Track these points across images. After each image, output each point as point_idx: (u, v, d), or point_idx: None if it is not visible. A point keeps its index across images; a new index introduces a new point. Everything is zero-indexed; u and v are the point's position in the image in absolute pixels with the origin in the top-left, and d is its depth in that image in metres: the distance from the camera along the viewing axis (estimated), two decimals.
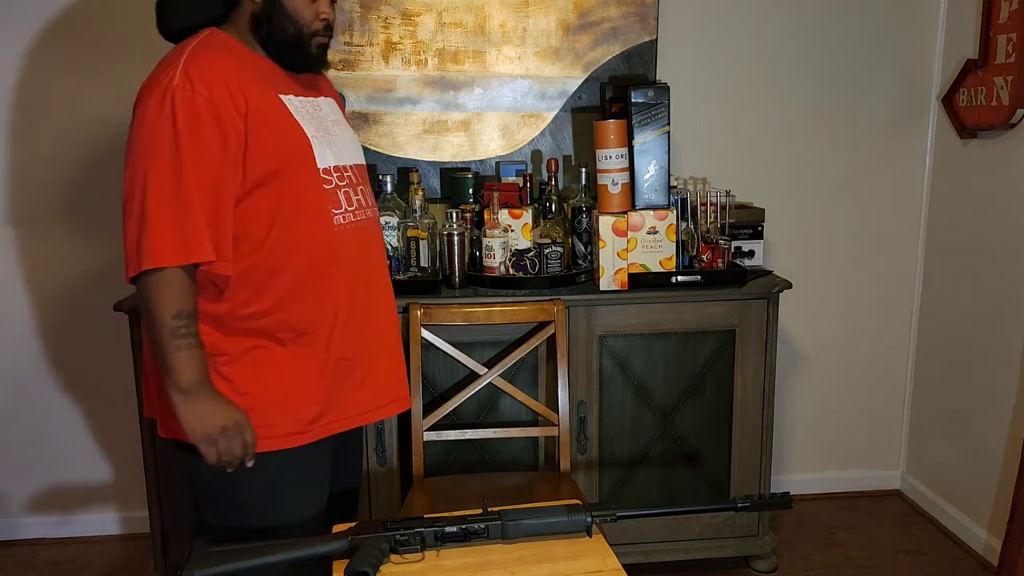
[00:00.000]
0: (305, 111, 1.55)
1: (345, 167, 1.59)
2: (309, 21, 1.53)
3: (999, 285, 2.48)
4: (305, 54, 1.56)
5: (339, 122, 1.66)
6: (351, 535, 1.34)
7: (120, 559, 2.61)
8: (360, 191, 1.62)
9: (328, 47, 1.60)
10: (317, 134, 1.54)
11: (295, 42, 1.54)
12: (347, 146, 1.64)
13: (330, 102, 1.67)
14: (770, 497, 1.46)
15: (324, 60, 1.61)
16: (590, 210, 2.37)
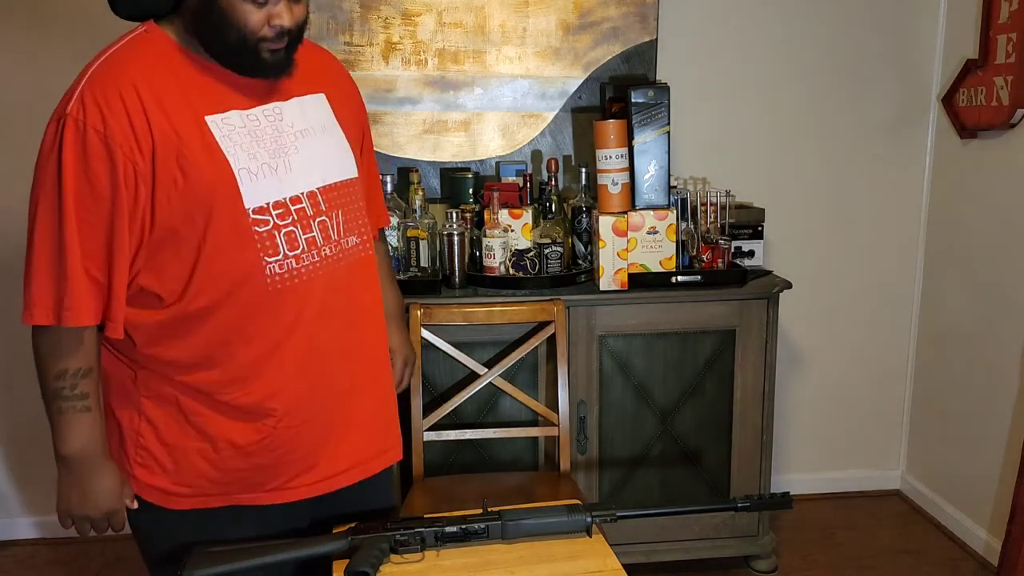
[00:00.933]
0: (245, 131, 1.28)
1: (301, 196, 1.31)
2: (255, 27, 1.24)
3: (999, 285, 2.48)
4: (254, 62, 1.28)
5: (311, 130, 1.36)
6: (351, 535, 1.34)
7: (120, 559, 2.61)
8: (325, 222, 1.34)
9: (291, 50, 1.30)
10: (255, 162, 1.27)
11: (238, 49, 1.25)
12: (314, 163, 1.35)
13: (308, 102, 1.38)
14: (770, 497, 1.46)
15: (285, 65, 1.31)
16: (590, 210, 2.37)
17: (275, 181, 1.29)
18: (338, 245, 1.36)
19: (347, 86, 1.51)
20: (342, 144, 1.41)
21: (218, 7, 1.22)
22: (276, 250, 1.29)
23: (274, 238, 1.29)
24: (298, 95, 1.37)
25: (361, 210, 1.42)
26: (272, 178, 1.29)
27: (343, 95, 1.47)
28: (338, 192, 1.37)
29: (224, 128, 1.27)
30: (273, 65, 1.29)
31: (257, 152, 1.28)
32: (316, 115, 1.39)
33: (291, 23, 1.26)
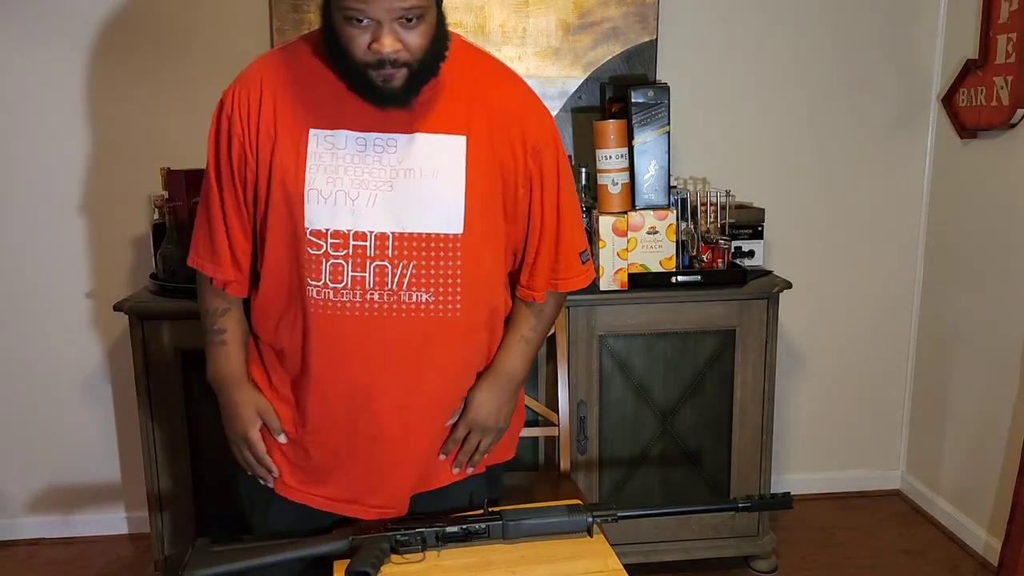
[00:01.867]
0: (344, 154, 1.28)
1: (367, 234, 1.28)
2: (359, 52, 1.22)
3: (999, 285, 2.48)
4: (364, 88, 1.25)
5: (422, 172, 1.29)
6: (352, 535, 1.34)
7: (120, 559, 2.61)
8: (385, 267, 1.29)
9: (414, 82, 1.24)
10: (332, 187, 1.27)
11: (348, 72, 1.26)
12: (403, 207, 1.28)
13: (438, 141, 1.30)
14: (771, 497, 1.46)
15: (401, 96, 1.25)
16: (590, 210, 2.37)
17: (345, 211, 1.28)
18: (394, 295, 1.30)
19: (515, 134, 1.34)
20: (454, 196, 1.30)
21: (333, 28, 1.24)
22: (318, 276, 1.30)
23: (320, 264, 1.30)
24: (429, 131, 1.30)
25: (451, 270, 1.31)
26: (343, 207, 1.28)
27: (501, 143, 1.33)
28: (417, 244, 1.30)
29: (322, 145, 1.29)
30: (387, 94, 1.25)
31: (340, 178, 1.28)
32: (440, 158, 1.30)
33: (392, 50, 1.19)
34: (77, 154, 2.52)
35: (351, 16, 1.19)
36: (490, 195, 1.34)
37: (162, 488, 2.25)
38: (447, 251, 1.31)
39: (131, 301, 2.20)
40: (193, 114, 2.52)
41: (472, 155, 1.31)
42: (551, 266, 1.44)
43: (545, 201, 1.40)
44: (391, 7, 1.17)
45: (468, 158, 1.31)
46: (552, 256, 1.43)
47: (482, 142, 1.32)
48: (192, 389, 2.22)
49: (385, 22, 1.19)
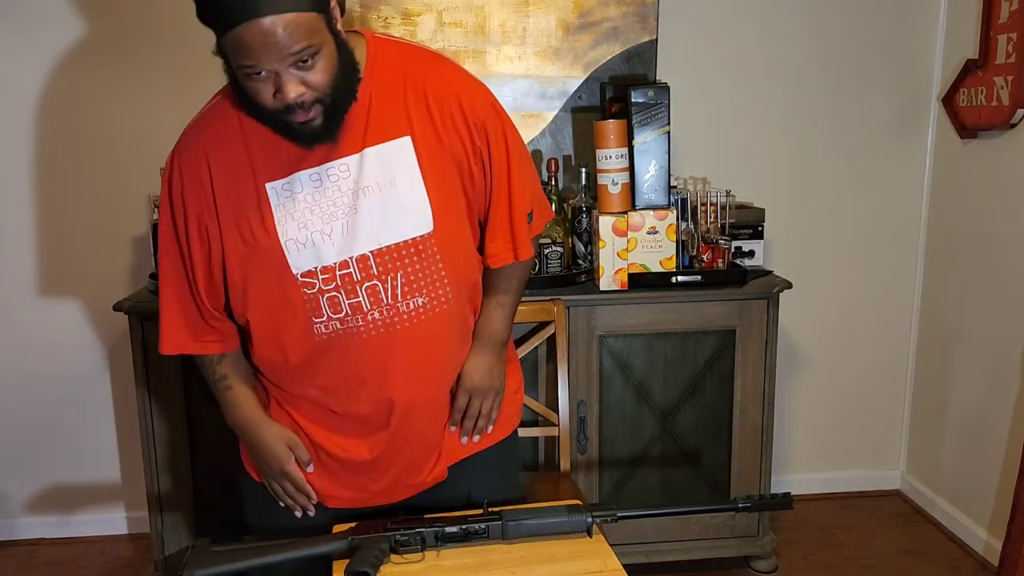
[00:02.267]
0: (304, 195, 1.29)
1: (349, 261, 1.30)
2: (266, 102, 1.21)
3: (999, 285, 2.48)
4: (288, 133, 1.25)
5: (377, 186, 1.30)
6: (351, 535, 1.34)
7: (120, 559, 2.61)
8: (376, 286, 1.31)
9: (332, 116, 1.24)
10: (305, 231, 1.29)
11: (267, 122, 1.25)
12: (372, 225, 1.30)
13: (387, 150, 1.30)
14: (771, 497, 1.45)
15: (325, 133, 1.25)
16: (590, 210, 2.37)
17: (325, 248, 1.30)
18: (392, 309, 1.33)
19: (456, 115, 1.34)
20: (415, 198, 1.31)
21: (239, 84, 1.22)
22: (320, 313, 1.33)
23: (318, 301, 1.32)
24: (375, 143, 1.30)
25: (433, 266, 1.34)
26: (322, 245, 1.30)
27: (446, 129, 1.34)
28: (397, 254, 1.32)
29: (282, 196, 1.30)
30: (310, 135, 1.24)
31: (310, 220, 1.30)
32: (391, 165, 1.31)
33: (296, 95, 1.18)
34: (77, 154, 2.52)
35: (248, 72, 1.18)
36: (448, 183, 1.35)
37: (162, 488, 2.25)
38: (425, 250, 1.33)
39: (131, 301, 2.20)
40: (193, 114, 2.52)
41: (421, 151, 1.32)
42: (508, 233, 1.44)
43: (495, 172, 1.40)
44: (281, 55, 1.15)
45: (418, 155, 1.32)
46: (507, 224, 1.44)
47: (427, 134, 1.32)
48: (192, 389, 2.22)
49: (282, 70, 1.17)
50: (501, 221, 1.44)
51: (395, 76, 1.33)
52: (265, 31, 1.12)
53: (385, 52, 1.34)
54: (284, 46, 1.14)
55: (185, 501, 2.26)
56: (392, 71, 1.33)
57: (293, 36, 1.14)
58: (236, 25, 1.13)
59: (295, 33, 1.14)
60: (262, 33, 1.13)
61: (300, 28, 1.14)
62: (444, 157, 1.34)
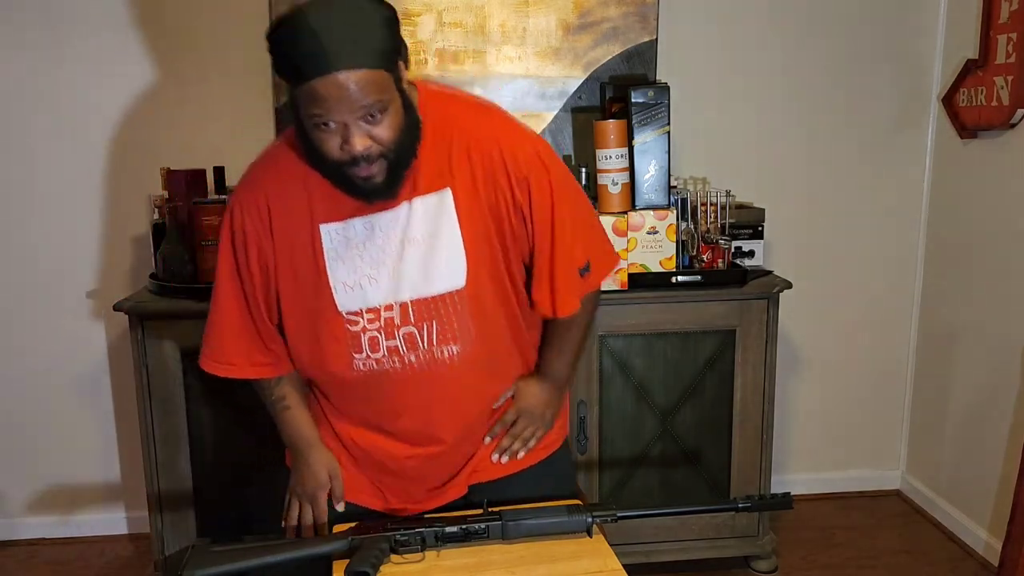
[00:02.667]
0: (357, 241, 1.35)
1: (393, 305, 1.36)
2: (332, 153, 1.24)
3: (999, 285, 2.48)
4: (349, 186, 1.29)
5: (419, 240, 1.35)
6: (351, 535, 1.34)
7: (120, 559, 2.61)
8: (413, 333, 1.36)
9: (394, 172, 1.28)
10: (354, 276, 1.36)
11: (330, 174, 1.29)
12: (412, 275, 1.35)
13: (429, 202, 1.34)
14: (771, 497, 1.45)
15: (384, 189, 1.29)
16: None
17: (371, 292, 1.36)
18: (428, 354, 1.38)
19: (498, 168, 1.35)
20: (453, 253, 1.35)
21: (306, 133, 1.26)
22: (360, 348, 1.38)
23: (359, 338, 1.38)
24: (421, 194, 1.34)
25: (465, 318, 1.37)
26: (369, 289, 1.36)
27: (486, 181, 1.35)
28: (433, 305, 1.36)
29: (335, 239, 1.36)
30: (370, 191, 1.29)
31: (359, 265, 1.36)
32: (432, 218, 1.35)
33: (363, 148, 1.22)
34: (77, 154, 2.52)
35: (318, 123, 1.22)
36: (485, 237, 1.38)
37: (162, 488, 2.25)
38: (458, 304, 1.37)
39: (131, 301, 2.20)
40: (193, 113, 2.53)
41: (460, 204, 1.35)
42: (548, 287, 1.43)
43: (537, 226, 1.40)
44: (352, 108, 1.20)
45: (458, 209, 1.35)
46: (547, 278, 1.43)
47: (467, 186, 1.35)
48: (192, 389, 2.22)
49: (351, 122, 1.21)
50: (542, 274, 1.43)
51: (442, 127, 1.36)
52: (339, 84, 1.18)
53: (435, 103, 1.38)
54: (355, 100, 1.19)
55: (185, 501, 2.26)
56: (439, 122, 1.36)
57: (364, 91, 1.19)
58: (312, 78, 1.18)
59: (366, 88, 1.19)
60: (336, 86, 1.18)
61: (371, 84, 1.19)
62: (482, 210, 1.36)
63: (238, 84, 2.52)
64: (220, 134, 2.53)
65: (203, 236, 2.21)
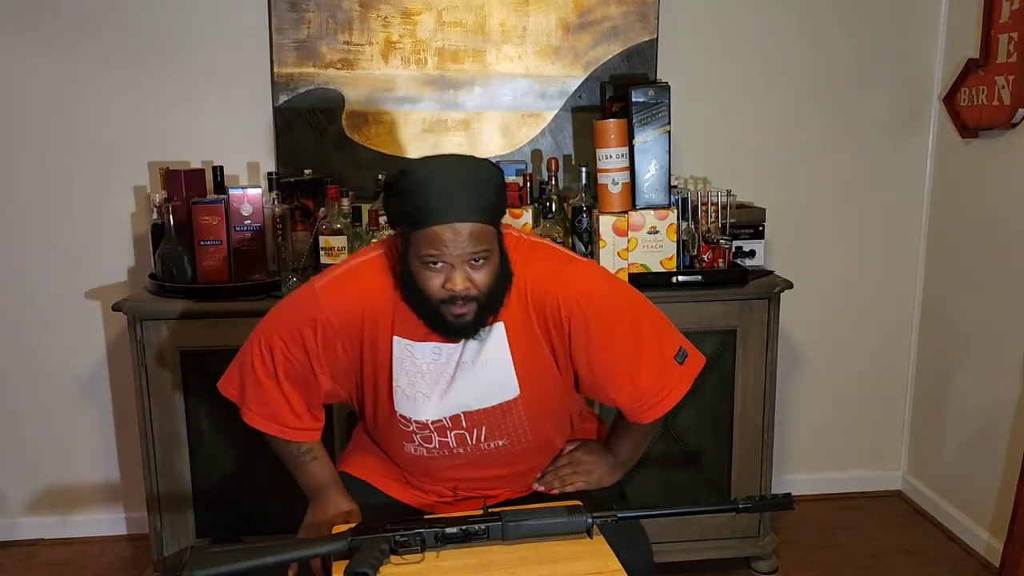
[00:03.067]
0: (421, 361, 1.50)
1: (443, 420, 1.52)
2: (434, 291, 1.39)
3: (1000, 285, 2.47)
4: (438, 323, 1.43)
5: (475, 364, 1.50)
6: (351, 536, 1.33)
7: (119, 560, 2.61)
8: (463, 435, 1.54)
9: (482, 313, 1.42)
10: (412, 388, 1.51)
11: (424, 310, 1.43)
12: (466, 393, 1.51)
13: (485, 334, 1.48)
14: (771, 498, 1.45)
15: (471, 329, 1.44)
16: (590, 210, 2.37)
17: (422, 406, 1.52)
18: (476, 448, 1.56)
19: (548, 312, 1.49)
20: (505, 373, 1.51)
21: (410, 271, 1.42)
22: (411, 441, 1.57)
23: (412, 436, 1.56)
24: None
25: (517, 419, 1.54)
26: (421, 403, 1.52)
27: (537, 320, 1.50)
28: (484, 415, 1.53)
29: (404, 352, 1.50)
30: (458, 329, 1.43)
31: (417, 381, 1.51)
32: (488, 347, 1.49)
33: (463, 288, 1.38)
34: (77, 154, 2.52)
35: (428, 262, 1.38)
36: (535, 358, 1.52)
37: (161, 488, 2.25)
38: (511, 410, 1.54)
39: (131, 301, 2.20)
40: (194, 113, 2.53)
41: (512, 335, 1.50)
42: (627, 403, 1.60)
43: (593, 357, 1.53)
44: (462, 253, 1.37)
45: (510, 339, 1.50)
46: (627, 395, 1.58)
47: (518, 321, 1.50)
48: (191, 389, 2.21)
49: (457, 265, 1.38)
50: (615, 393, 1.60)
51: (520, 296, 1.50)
52: (456, 232, 1.35)
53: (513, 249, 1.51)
54: (465, 247, 1.36)
55: (184, 501, 2.26)
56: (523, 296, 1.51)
57: (475, 240, 1.37)
58: (434, 224, 1.35)
59: (477, 238, 1.37)
60: (454, 233, 1.35)
61: (481, 235, 1.37)
62: (533, 339, 1.51)
63: (238, 84, 2.52)
64: (220, 134, 2.53)
65: (202, 236, 2.21)
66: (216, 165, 2.34)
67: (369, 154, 2.57)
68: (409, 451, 1.58)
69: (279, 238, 2.32)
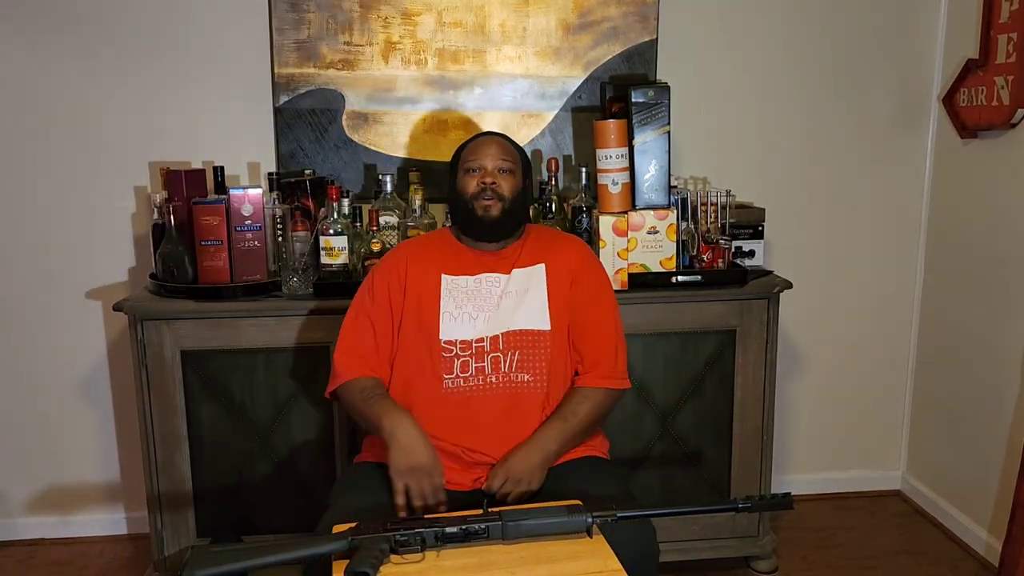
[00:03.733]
0: (465, 290, 1.83)
1: (484, 338, 1.78)
2: (470, 188, 1.84)
3: (999, 285, 2.48)
4: (472, 220, 1.84)
5: (518, 292, 1.83)
6: (351, 535, 1.34)
7: (120, 559, 2.61)
8: (499, 358, 1.77)
9: (506, 217, 1.84)
10: (460, 310, 1.81)
11: (464, 212, 1.85)
12: (508, 316, 1.80)
13: (528, 271, 1.85)
14: (771, 498, 1.45)
15: (497, 226, 1.85)
16: (590, 210, 2.37)
17: (468, 326, 1.80)
18: (507, 377, 1.77)
19: (573, 264, 1.88)
20: (540, 305, 1.83)
21: (457, 188, 1.88)
22: (451, 370, 1.77)
23: (452, 363, 1.78)
24: (520, 267, 1.86)
25: (543, 356, 1.79)
26: (467, 324, 1.80)
27: (566, 270, 1.86)
28: (520, 338, 1.79)
29: (451, 285, 1.84)
30: (487, 223, 1.84)
31: (464, 304, 1.82)
32: (529, 281, 1.85)
33: (491, 180, 1.83)
34: (77, 154, 2.52)
35: (469, 167, 1.86)
36: (562, 302, 1.84)
37: (162, 488, 2.25)
38: (540, 343, 1.80)
39: (131, 301, 2.20)
40: (195, 114, 2.53)
41: (549, 277, 1.86)
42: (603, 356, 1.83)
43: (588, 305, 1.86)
44: (494, 158, 1.86)
45: (547, 279, 1.85)
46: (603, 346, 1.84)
47: (553, 268, 1.87)
48: (191, 389, 2.22)
49: (488, 167, 1.85)
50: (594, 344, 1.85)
51: (541, 239, 1.94)
52: (494, 141, 1.90)
53: (539, 230, 2.00)
54: (497, 154, 1.87)
55: (184, 501, 2.26)
56: (541, 237, 1.96)
57: (505, 153, 1.88)
58: (477, 139, 1.91)
59: (507, 153, 1.88)
60: (491, 142, 1.90)
61: (509, 153, 1.89)
62: (560, 289, 1.85)
63: (239, 84, 2.52)
64: (220, 134, 2.53)
65: (202, 236, 2.22)
66: (217, 165, 2.35)
67: (369, 154, 2.58)
68: (447, 384, 1.76)
69: (279, 238, 2.32)
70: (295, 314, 2.19)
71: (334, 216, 2.24)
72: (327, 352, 2.20)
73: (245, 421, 2.24)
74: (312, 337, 2.20)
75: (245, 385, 2.23)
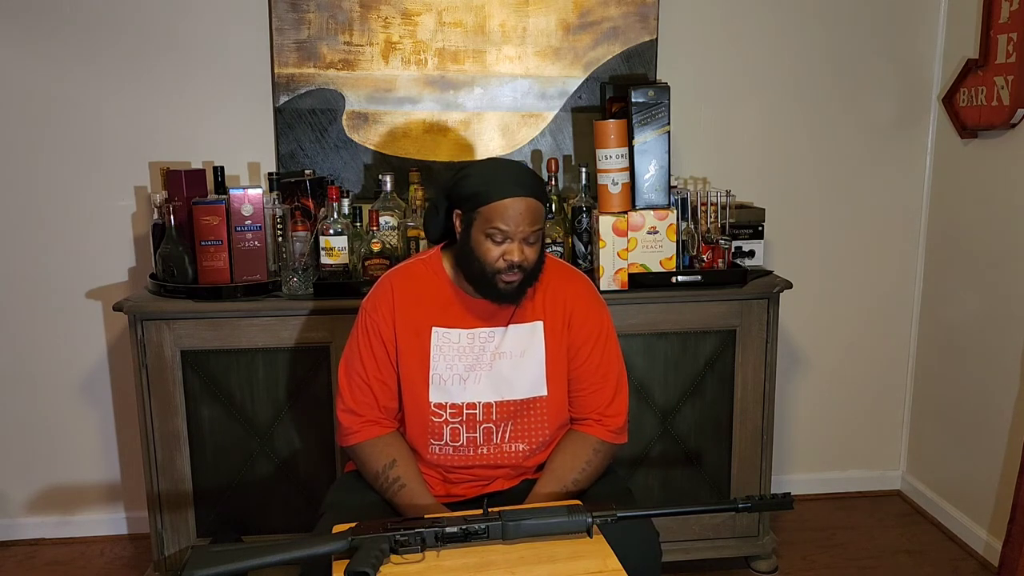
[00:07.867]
0: (457, 346, 1.69)
1: (476, 404, 1.69)
2: (492, 261, 1.62)
3: (999, 285, 2.48)
4: (491, 290, 1.65)
5: (512, 354, 1.70)
6: (351, 535, 1.34)
7: (120, 559, 2.61)
8: (491, 428, 1.69)
9: (524, 284, 1.66)
10: (449, 372, 1.68)
11: (480, 278, 1.65)
12: (501, 382, 1.69)
13: (523, 329, 1.72)
14: (771, 498, 1.45)
15: (515, 296, 1.67)
16: (590, 210, 2.37)
17: (459, 389, 1.68)
18: (499, 448, 1.70)
19: (570, 306, 1.74)
20: (537, 368, 1.72)
21: (471, 244, 1.63)
22: (440, 436, 1.69)
23: (441, 429, 1.69)
24: (517, 322, 1.72)
25: (539, 423, 1.71)
26: (457, 386, 1.68)
27: (566, 322, 1.74)
28: (515, 408, 1.70)
29: (442, 340, 1.70)
30: (506, 294, 1.65)
31: (455, 364, 1.69)
32: (525, 341, 1.72)
33: (520, 259, 1.61)
34: (78, 154, 2.52)
35: (493, 235, 1.61)
36: (560, 360, 1.73)
37: (162, 488, 2.25)
38: (537, 410, 1.71)
39: (131, 301, 2.20)
40: (195, 114, 2.53)
41: (547, 335, 1.73)
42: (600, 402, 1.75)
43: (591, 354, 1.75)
44: (525, 232, 1.61)
45: (545, 338, 1.72)
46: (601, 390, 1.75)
47: (552, 324, 1.73)
48: (191, 389, 2.22)
49: (517, 240, 1.61)
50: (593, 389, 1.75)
51: (543, 283, 1.74)
52: (526, 205, 1.61)
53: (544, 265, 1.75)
54: (529, 223, 1.61)
55: (184, 501, 2.26)
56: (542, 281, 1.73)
57: (536, 218, 1.62)
58: (505, 198, 1.59)
59: (538, 217, 1.63)
60: (524, 205, 1.60)
61: (540, 215, 1.64)
62: (561, 341, 1.73)
63: (239, 85, 2.52)
64: (220, 134, 2.53)
65: (203, 236, 2.22)
66: (217, 165, 2.35)
67: (369, 154, 2.58)
68: (434, 450, 1.70)
69: (279, 238, 2.32)
70: (295, 314, 2.19)
71: (334, 216, 2.24)
72: (327, 352, 2.20)
73: (245, 421, 2.24)
74: (312, 337, 2.20)
75: (245, 385, 2.23)
